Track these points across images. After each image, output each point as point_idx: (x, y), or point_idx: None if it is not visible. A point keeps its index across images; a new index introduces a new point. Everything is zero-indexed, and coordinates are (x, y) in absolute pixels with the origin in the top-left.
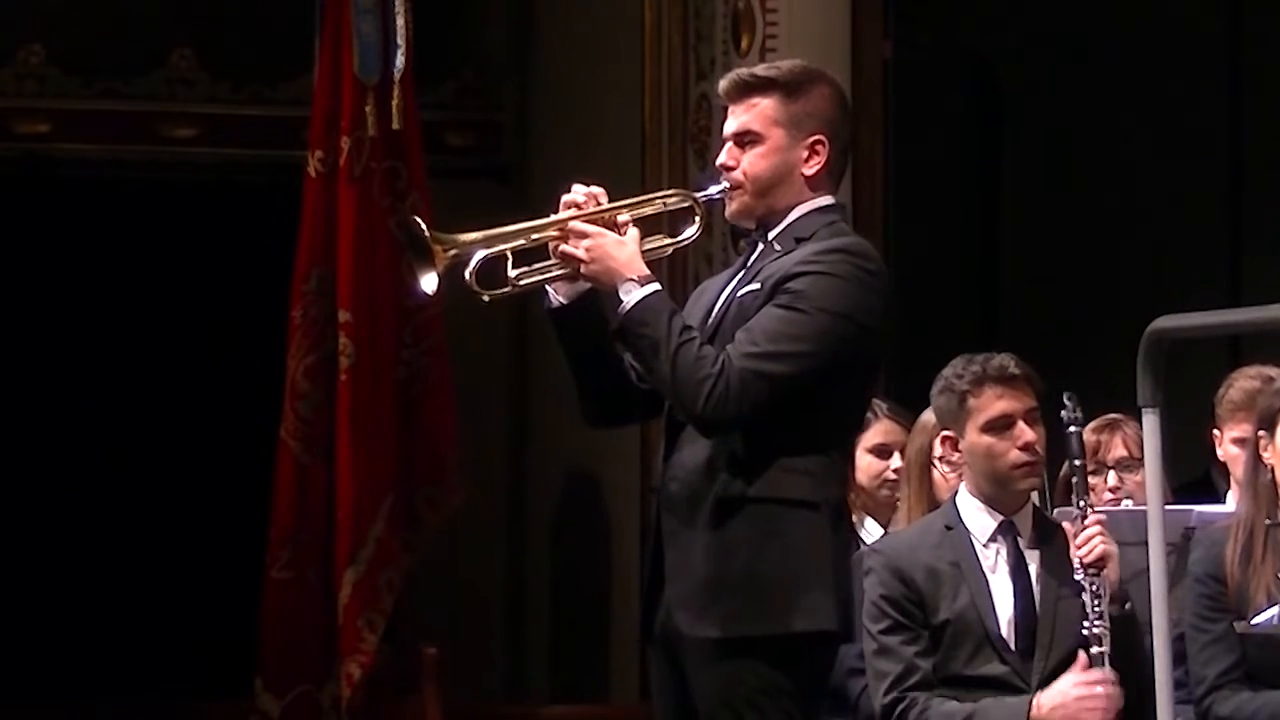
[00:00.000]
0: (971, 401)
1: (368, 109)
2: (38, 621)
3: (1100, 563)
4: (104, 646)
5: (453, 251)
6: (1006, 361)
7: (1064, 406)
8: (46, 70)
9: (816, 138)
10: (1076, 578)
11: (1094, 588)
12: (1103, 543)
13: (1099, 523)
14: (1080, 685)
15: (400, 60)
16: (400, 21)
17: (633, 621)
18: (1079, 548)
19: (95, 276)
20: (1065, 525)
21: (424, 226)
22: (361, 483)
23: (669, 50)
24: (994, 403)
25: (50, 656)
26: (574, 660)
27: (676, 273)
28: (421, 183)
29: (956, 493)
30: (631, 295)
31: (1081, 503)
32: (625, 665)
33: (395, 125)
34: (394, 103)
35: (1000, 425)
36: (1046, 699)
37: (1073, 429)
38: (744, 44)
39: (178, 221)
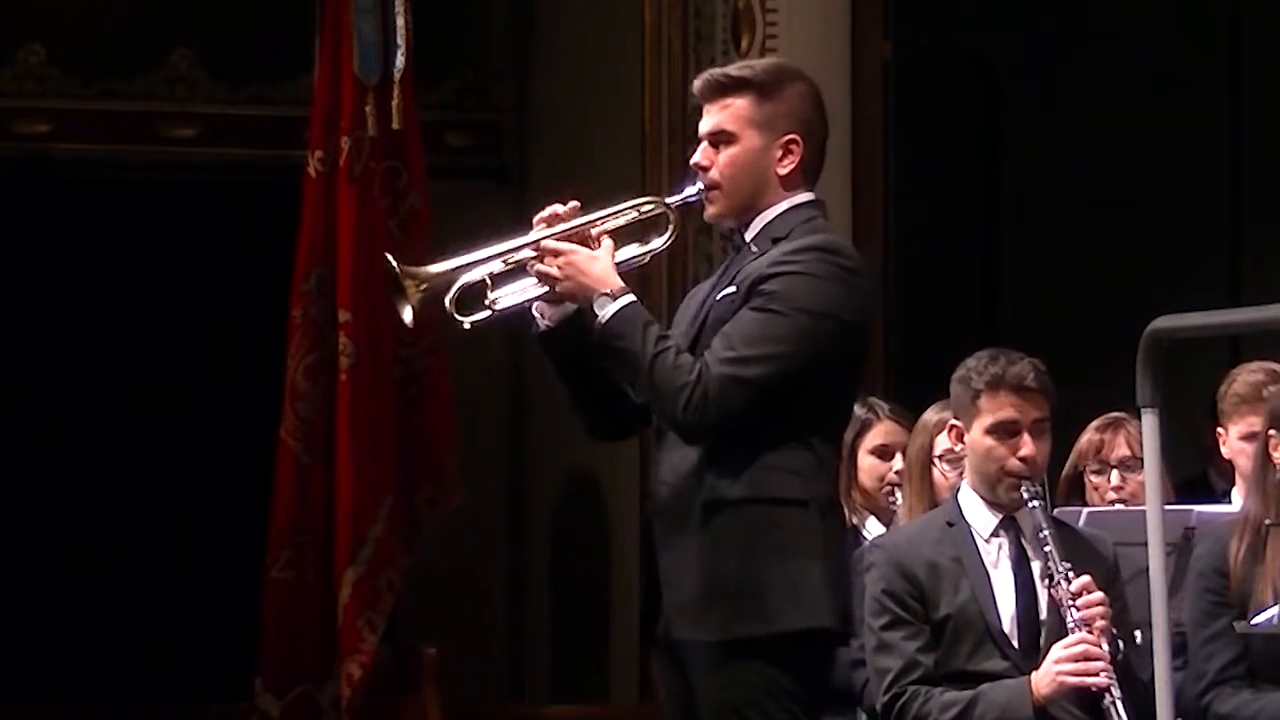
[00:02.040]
0: (982, 401)
1: (368, 109)
2: (38, 620)
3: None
4: (104, 646)
5: (423, 286)
6: (1026, 370)
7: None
8: (46, 70)
9: (790, 137)
10: (1069, 624)
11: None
12: (1102, 616)
13: (1095, 603)
14: (1064, 658)
15: (400, 60)
16: (400, 21)
17: (633, 621)
18: (1080, 609)
19: (95, 277)
20: (1052, 592)
21: (393, 263)
22: (361, 483)
23: (669, 50)
24: (1003, 408)
25: (51, 655)
26: (574, 660)
27: (676, 276)
28: (421, 183)
29: (958, 489)
30: (606, 309)
31: (1063, 566)
32: (625, 665)
33: (395, 125)
34: (394, 103)
35: (1004, 431)
36: (1039, 676)
37: (1035, 504)
38: (744, 44)
39: (178, 221)
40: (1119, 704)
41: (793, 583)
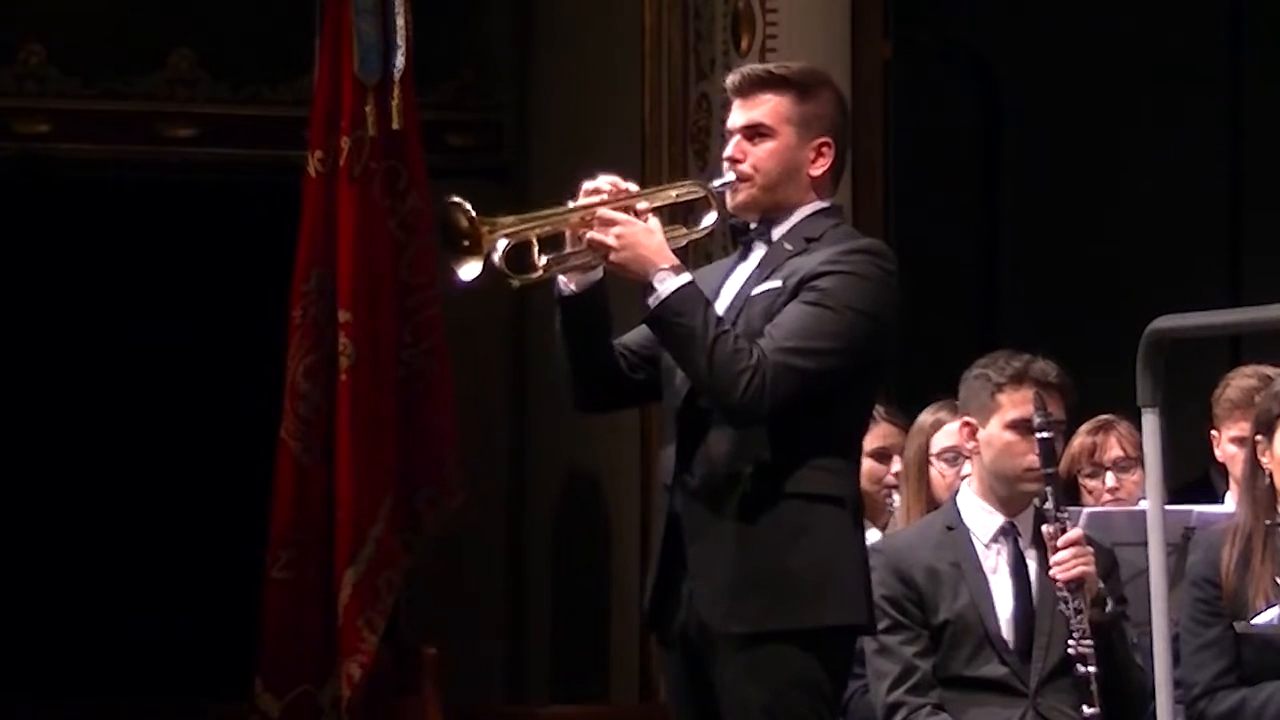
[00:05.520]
0: (1003, 396)
1: (368, 109)
2: (38, 621)
3: (1078, 581)
4: (104, 646)
5: (500, 234)
6: (1049, 368)
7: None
8: (46, 70)
9: (823, 140)
10: (1058, 593)
11: (1075, 603)
12: (1080, 565)
13: (1073, 543)
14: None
15: (400, 60)
16: (400, 21)
17: (633, 621)
18: (1055, 565)
19: (95, 277)
20: (1045, 529)
21: (468, 208)
22: (361, 483)
23: (669, 50)
24: (1025, 404)
25: (51, 656)
26: (574, 660)
27: None
28: (421, 183)
29: (958, 493)
30: (667, 284)
31: (1059, 512)
32: (625, 665)
33: (395, 125)
34: (394, 103)
35: (1024, 427)
36: None
37: (1044, 435)
38: (744, 44)
39: (178, 221)
40: (1094, 681)
41: (830, 579)
